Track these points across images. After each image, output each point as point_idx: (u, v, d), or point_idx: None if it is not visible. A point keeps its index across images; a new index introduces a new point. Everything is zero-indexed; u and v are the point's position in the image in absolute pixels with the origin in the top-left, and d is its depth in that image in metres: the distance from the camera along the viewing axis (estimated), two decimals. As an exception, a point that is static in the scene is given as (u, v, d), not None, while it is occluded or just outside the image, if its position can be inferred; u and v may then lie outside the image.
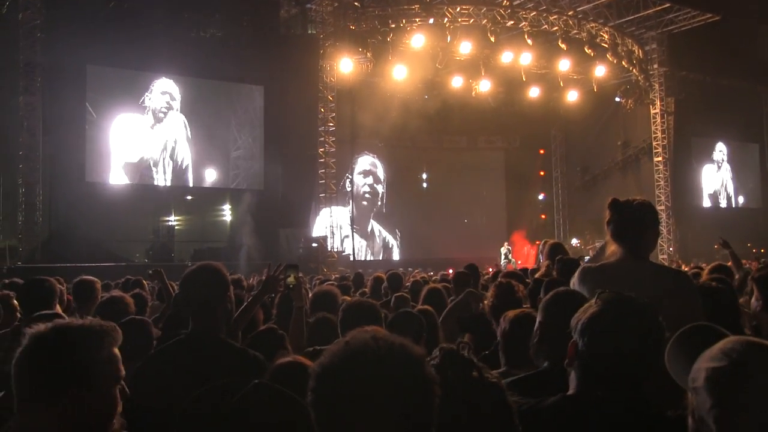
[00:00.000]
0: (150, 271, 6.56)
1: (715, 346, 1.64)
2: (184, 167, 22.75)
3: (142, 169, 22.12)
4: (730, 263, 7.59)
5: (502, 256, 25.40)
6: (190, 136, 22.70)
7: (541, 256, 7.49)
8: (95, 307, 5.08)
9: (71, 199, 19.79)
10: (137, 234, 22.21)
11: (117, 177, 21.66)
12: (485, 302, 4.60)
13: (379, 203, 29.58)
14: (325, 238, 22.66)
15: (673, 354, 2.32)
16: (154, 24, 19.92)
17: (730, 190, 33.75)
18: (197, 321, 3.22)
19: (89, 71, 20.76)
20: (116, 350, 2.18)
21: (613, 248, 3.61)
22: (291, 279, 4.59)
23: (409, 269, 22.82)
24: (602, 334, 2.10)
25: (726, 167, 33.66)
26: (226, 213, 24.88)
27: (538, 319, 2.96)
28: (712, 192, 32.48)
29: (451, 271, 13.58)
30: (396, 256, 29.67)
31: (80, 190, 20.30)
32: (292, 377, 2.43)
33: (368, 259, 28.00)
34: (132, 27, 19.57)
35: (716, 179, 32.92)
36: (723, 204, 33.00)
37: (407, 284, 8.99)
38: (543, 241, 7.56)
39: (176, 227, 23.80)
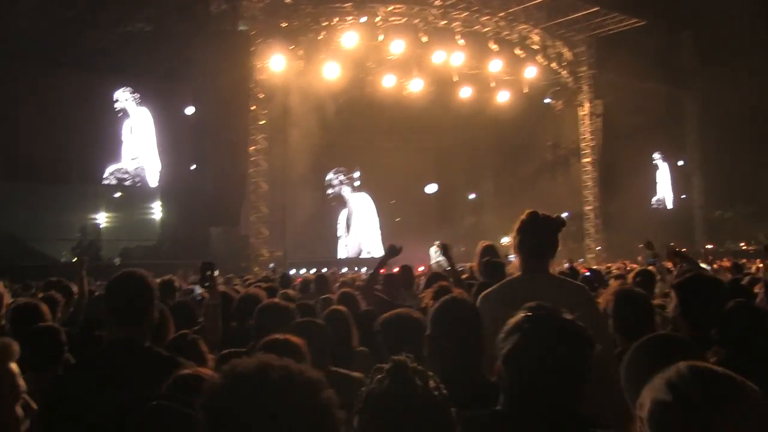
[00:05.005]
0: (73, 260, 6.35)
1: (662, 375, 1.58)
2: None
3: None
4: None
5: (432, 256, 25.45)
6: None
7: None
8: (4, 315, 4.75)
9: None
10: (63, 232, 21.63)
11: (46, 175, 21.02)
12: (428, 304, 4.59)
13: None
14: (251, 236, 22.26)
15: (625, 375, 2.28)
16: (79, 17, 19.39)
17: (657, 190, 34.65)
18: (122, 329, 3.15)
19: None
20: (12, 366, 2.08)
21: (515, 262, 3.69)
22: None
23: (344, 269, 22.84)
24: (525, 362, 2.02)
25: (652, 168, 34.57)
26: (156, 211, 24.42)
27: (426, 332, 2.94)
28: (640, 193, 33.17)
29: (382, 271, 13.56)
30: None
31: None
32: (191, 390, 2.39)
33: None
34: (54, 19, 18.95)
35: (643, 180, 33.62)
36: (653, 205, 33.80)
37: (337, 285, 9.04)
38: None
39: (104, 225, 23.27)
